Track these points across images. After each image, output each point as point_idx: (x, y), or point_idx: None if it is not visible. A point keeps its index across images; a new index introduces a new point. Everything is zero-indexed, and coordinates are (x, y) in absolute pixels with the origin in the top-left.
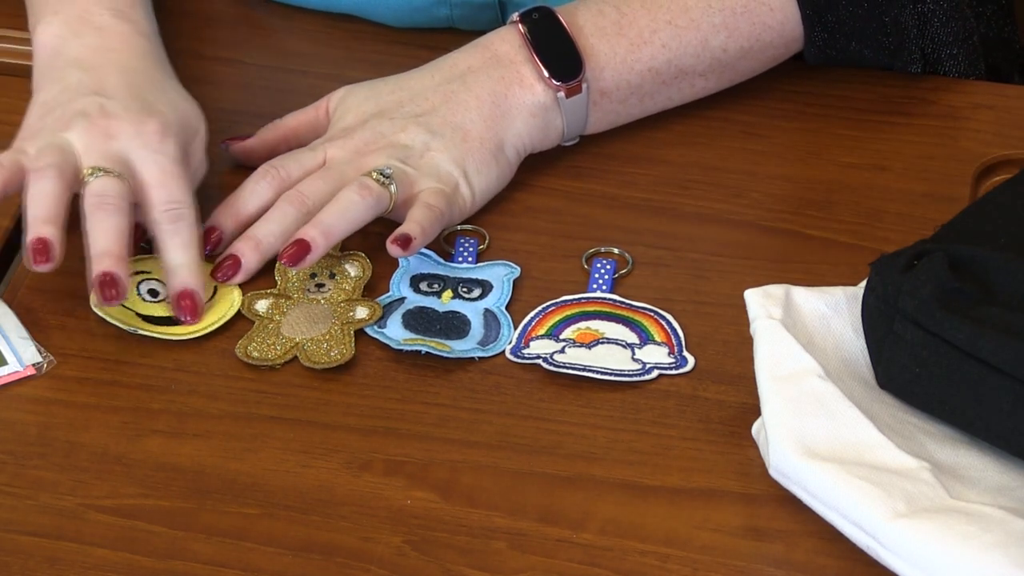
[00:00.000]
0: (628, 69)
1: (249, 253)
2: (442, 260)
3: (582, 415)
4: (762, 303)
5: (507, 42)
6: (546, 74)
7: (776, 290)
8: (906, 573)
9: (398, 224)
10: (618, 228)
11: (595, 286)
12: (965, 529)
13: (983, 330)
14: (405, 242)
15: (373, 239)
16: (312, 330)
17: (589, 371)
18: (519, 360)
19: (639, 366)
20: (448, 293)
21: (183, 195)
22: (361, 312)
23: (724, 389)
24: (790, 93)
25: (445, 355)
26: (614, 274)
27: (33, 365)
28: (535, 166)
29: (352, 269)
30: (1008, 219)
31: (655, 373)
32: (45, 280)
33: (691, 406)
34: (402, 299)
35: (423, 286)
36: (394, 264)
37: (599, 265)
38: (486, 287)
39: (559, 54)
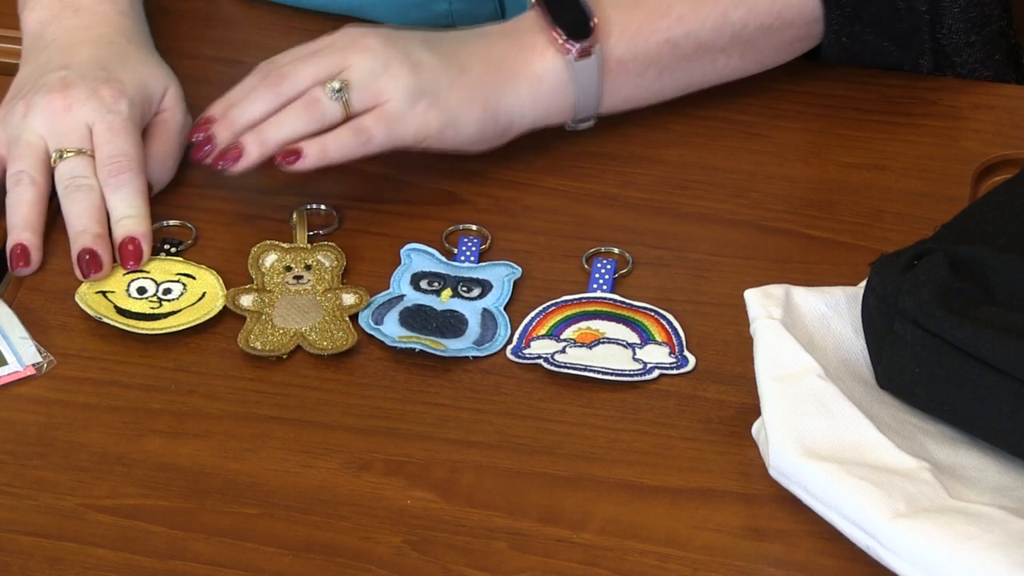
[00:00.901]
0: (644, 39)
1: (222, 132)
2: (444, 259)
3: (582, 415)
4: (762, 303)
5: (525, 19)
6: (556, 34)
7: (776, 290)
8: (906, 573)
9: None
10: (618, 228)
11: (595, 286)
12: (965, 529)
13: (983, 330)
14: (293, 157)
15: (353, 235)
16: (305, 320)
17: (590, 371)
18: (520, 360)
19: (640, 366)
20: (448, 292)
21: (128, 148)
22: (348, 299)
23: (724, 389)
24: (790, 93)
25: (439, 353)
26: (614, 274)
27: (33, 365)
28: (535, 165)
29: (326, 260)
30: (1008, 219)
31: (656, 373)
32: (45, 280)
33: (691, 406)
34: (401, 296)
35: (423, 284)
36: (390, 262)
37: (599, 265)
38: (486, 287)
39: (571, 19)
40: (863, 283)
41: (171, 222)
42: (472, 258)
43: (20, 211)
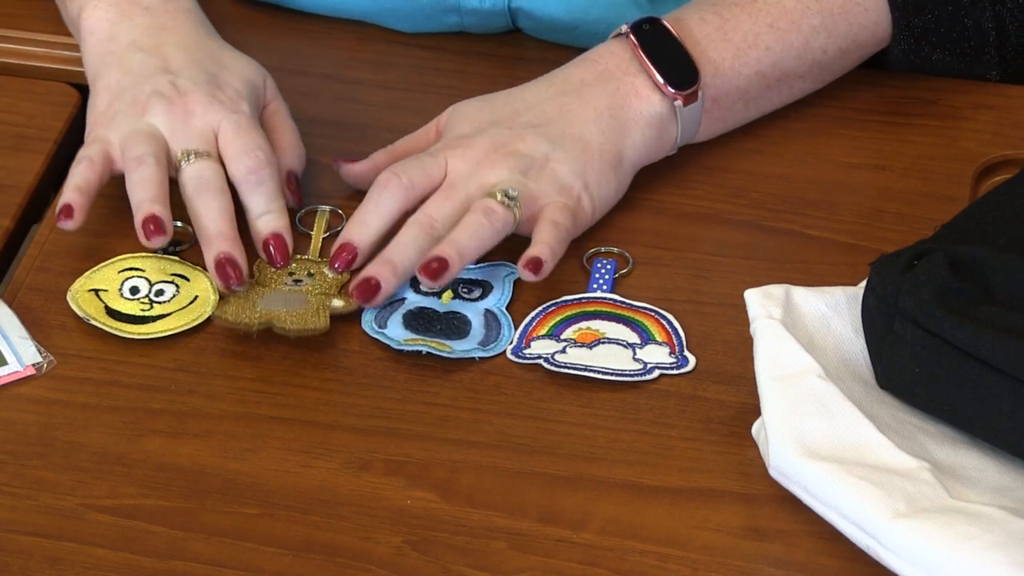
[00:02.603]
0: (736, 74)
1: (388, 276)
2: None
3: (582, 415)
4: (762, 303)
5: (616, 55)
6: (661, 81)
7: (776, 290)
8: (906, 573)
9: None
10: (618, 228)
11: (595, 286)
12: (965, 529)
13: (983, 330)
14: (536, 266)
15: None
16: (288, 308)
17: (590, 371)
18: (520, 360)
19: (640, 366)
20: (448, 293)
21: (261, 142)
22: (337, 303)
23: (724, 389)
24: None
25: (446, 355)
26: (614, 274)
27: (33, 365)
28: None
29: (330, 272)
30: (1008, 219)
31: (656, 373)
32: (45, 280)
33: (691, 406)
34: (402, 299)
35: (424, 286)
36: None
37: (599, 265)
38: (486, 287)
39: (674, 62)
40: (863, 283)
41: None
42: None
43: (146, 187)
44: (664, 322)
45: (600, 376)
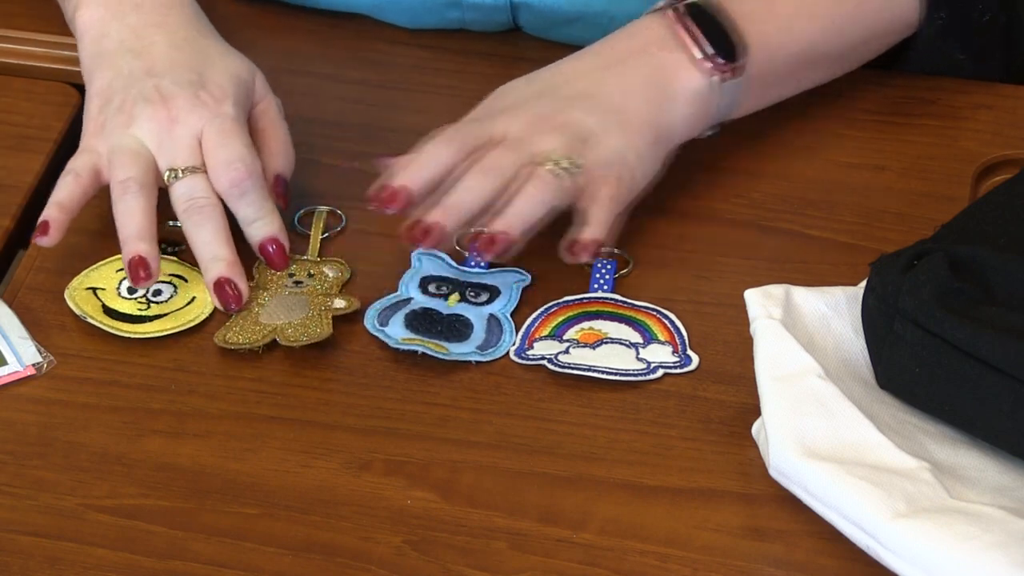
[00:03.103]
0: (775, 54)
1: (448, 221)
2: (454, 263)
3: (582, 415)
4: (762, 303)
5: (656, 30)
6: (701, 56)
7: (776, 290)
8: (906, 573)
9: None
10: (618, 228)
11: (596, 286)
12: (965, 529)
13: (983, 330)
14: (595, 247)
15: (359, 236)
16: (290, 316)
17: (594, 371)
18: (524, 361)
19: (644, 365)
20: (455, 296)
21: (242, 150)
22: (339, 303)
23: (724, 389)
24: None
25: (442, 356)
26: (615, 274)
27: (33, 365)
28: None
29: (330, 272)
30: (1008, 219)
31: (660, 372)
32: (45, 280)
33: (691, 406)
34: (409, 299)
35: (431, 288)
36: (395, 263)
37: (599, 265)
38: (494, 292)
39: (718, 37)
40: (863, 283)
41: (172, 223)
42: (482, 263)
43: (132, 220)
44: (666, 321)
45: (604, 376)
